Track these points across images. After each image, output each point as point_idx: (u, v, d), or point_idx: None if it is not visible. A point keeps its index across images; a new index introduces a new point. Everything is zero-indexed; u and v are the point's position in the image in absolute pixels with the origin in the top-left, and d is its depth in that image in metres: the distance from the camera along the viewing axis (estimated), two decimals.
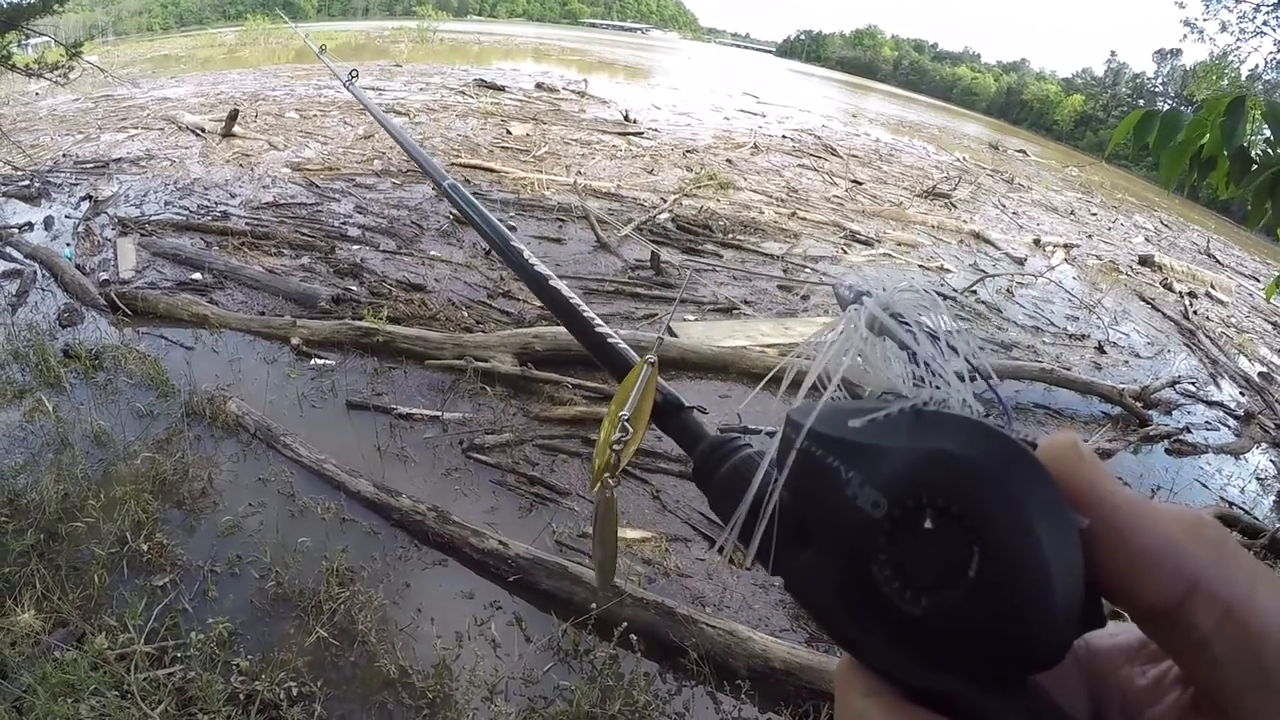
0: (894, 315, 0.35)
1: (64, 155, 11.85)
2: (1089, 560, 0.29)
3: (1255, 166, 2.68)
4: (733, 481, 0.40)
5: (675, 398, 0.55)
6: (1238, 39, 21.79)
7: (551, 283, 0.69)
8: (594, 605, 4.07)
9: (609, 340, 0.62)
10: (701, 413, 0.51)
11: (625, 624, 3.91)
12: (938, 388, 0.34)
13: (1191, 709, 0.31)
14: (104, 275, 7.59)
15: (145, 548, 4.15)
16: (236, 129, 13.82)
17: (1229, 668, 0.28)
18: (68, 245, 8.28)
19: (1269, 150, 2.74)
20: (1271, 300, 14.55)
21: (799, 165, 19.06)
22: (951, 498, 0.28)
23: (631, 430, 0.54)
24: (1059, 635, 0.28)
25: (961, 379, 0.34)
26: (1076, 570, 0.28)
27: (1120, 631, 0.35)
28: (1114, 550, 0.29)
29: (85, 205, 9.58)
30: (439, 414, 5.89)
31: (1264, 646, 0.27)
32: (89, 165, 11.33)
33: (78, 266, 7.63)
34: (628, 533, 4.86)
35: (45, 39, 12.05)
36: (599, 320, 0.64)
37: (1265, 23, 20.73)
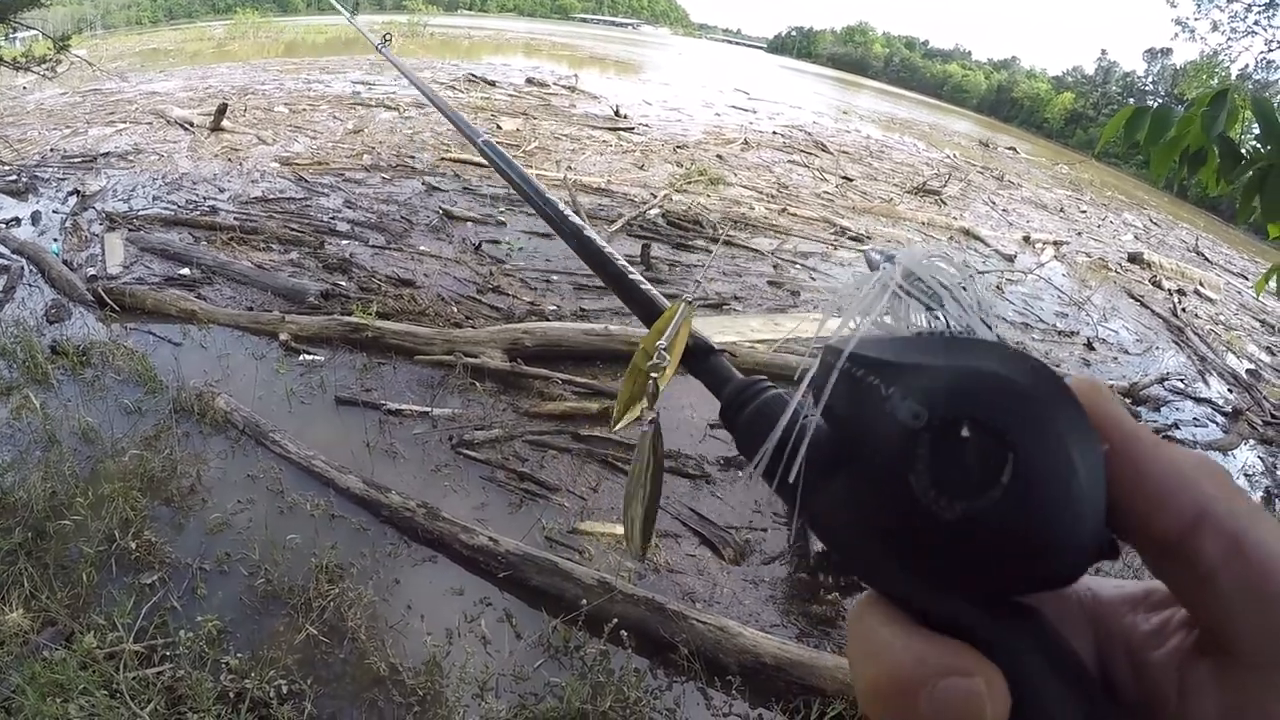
0: (917, 279, 0.36)
1: (51, 150, 11.77)
2: (1108, 486, 0.30)
3: (1244, 162, 2.69)
4: (760, 418, 0.41)
5: (705, 340, 0.56)
6: (1228, 38, 21.86)
7: (586, 232, 0.69)
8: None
9: (641, 286, 0.63)
10: (731, 355, 0.52)
11: (616, 620, 3.91)
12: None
13: (1195, 651, 0.31)
14: (91, 271, 7.54)
15: (133, 545, 4.14)
16: (225, 123, 13.76)
17: (1233, 601, 0.28)
18: (55, 240, 8.23)
19: (1258, 147, 2.75)
20: (1260, 296, 14.65)
21: (789, 161, 19.07)
22: (988, 410, 0.29)
23: (669, 358, 0.55)
24: (1082, 544, 0.28)
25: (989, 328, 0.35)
26: (1099, 485, 0.29)
27: (1126, 584, 0.36)
28: (1129, 477, 0.30)
29: (73, 200, 9.52)
30: (428, 410, 5.88)
31: (1266, 579, 0.28)
32: (76, 160, 11.26)
33: (65, 262, 7.59)
34: (616, 529, 4.87)
35: (33, 33, 11.98)
36: (631, 269, 0.65)
37: (1256, 22, 20.79)
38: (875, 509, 0.31)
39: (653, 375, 0.55)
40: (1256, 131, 2.74)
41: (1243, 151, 2.76)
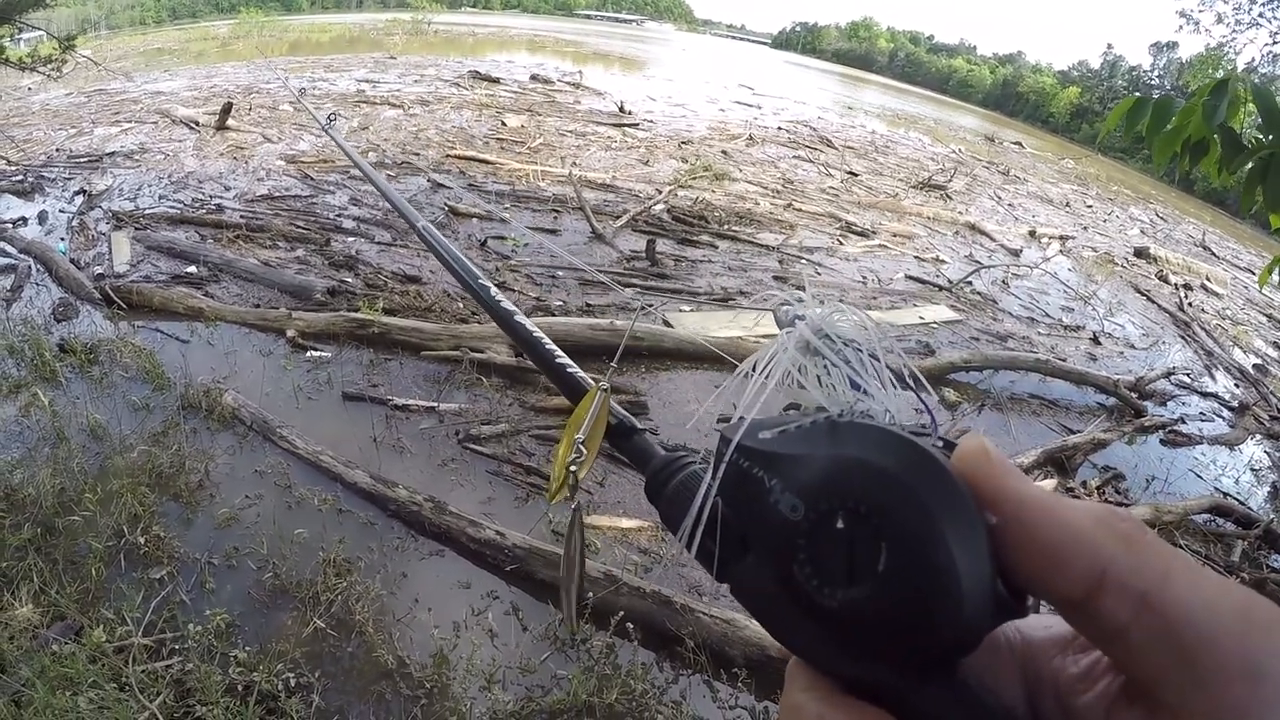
0: (826, 336, 0.38)
1: (57, 150, 11.80)
2: (1003, 555, 0.31)
3: (1245, 152, 2.69)
4: (679, 495, 0.43)
5: (629, 421, 0.58)
6: (1233, 30, 21.80)
7: (517, 318, 0.71)
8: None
9: (568, 369, 0.64)
10: (652, 434, 0.55)
11: (622, 613, 3.92)
12: (865, 400, 0.36)
13: (1122, 695, 0.32)
14: (99, 269, 7.57)
15: (142, 540, 4.16)
16: (230, 122, 13.78)
17: (1150, 655, 0.29)
18: (62, 240, 8.26)
19: (1260, 137, 2.75)
20: (1263, 289, 14.61)
21: (794, 157, 19.07)
22: (860, 500, 0.30)
23: (586, 451, 0.58)
24: (967, 624, 0.29)
25: (895, 387, 0.37)
26: (982, 563, 0.30)
27: (1055, 624, 0.36)
28: (1024, 544, 0.31)
29: (79, 199, 9.55)
30: (435, 405, 5.90)
31: (1183, 633, 0.28)
32: (82, 159, 11.28)
33: (72, 261, 7.62)
34: (622, 522, 4.89)
35: (39, 33, 12.00)
36: (559, 351, 0.67)
37: (1260, 14, 20.73)
38: (776, 590, 0.34)
39: (571, 469, 0.58)
40: (1260, 122, 2.74)
41: (1245, 142, 2.76)
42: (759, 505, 0.34)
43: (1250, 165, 2.74)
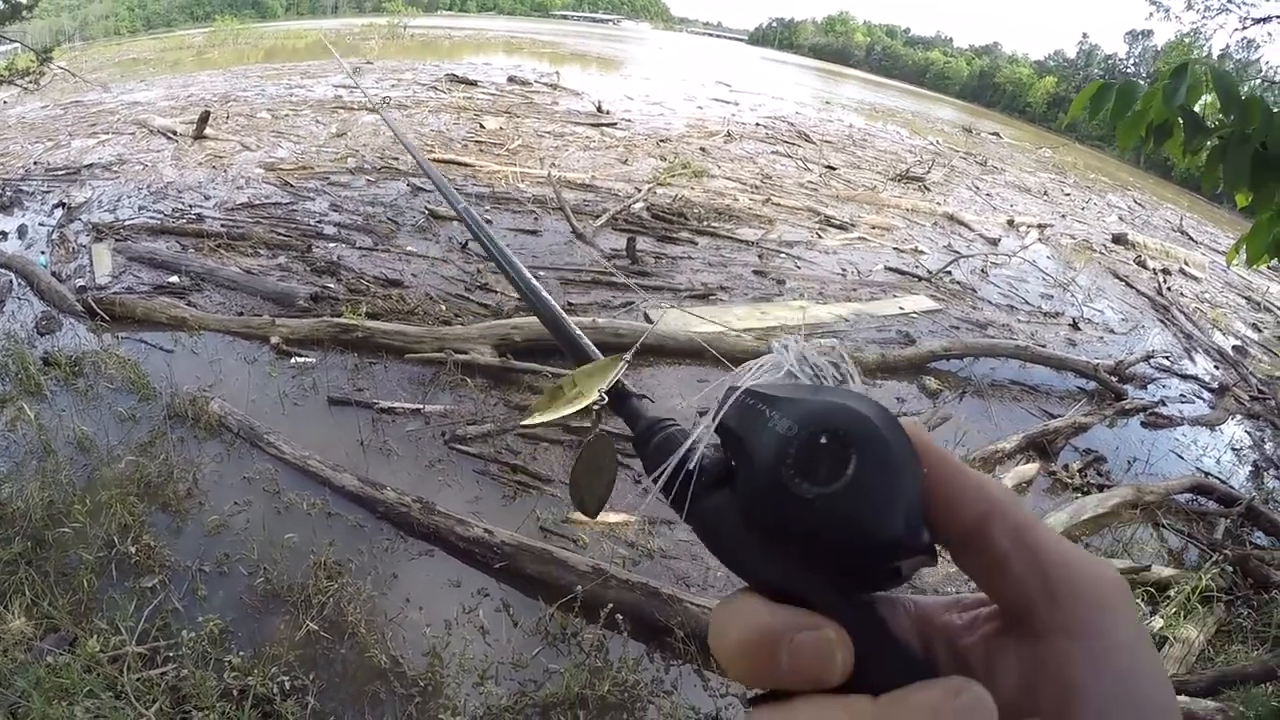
0: (807, 361, 0.46)
1: (35, 163, 11.73)
2: (926, 500, 0.38)
3: (1204, 132, 2.77)
4: (664, 444, 0.49)
5: (628, 388, 0.64)
6: (1203, 16, 21.95)
7: (544, 294, 0.76)
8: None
9: (583, 340, 0.70)
10: (650, 400, 0.64)
11: (611, 605, 3.97)
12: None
13: (997, 633, 0.39)
14: (80, 281, 7.55)
15: (133, 550, 4.18)
16: (208, 131, 13.72)
17: (1023, 580, 0.37)
18: (43, 253, 8.23)
19: (1221, 118, 2.82)
20: (1231, 266, 14.77)
21: (773, 152, 19.14)
22: (839, 428, 0.38)
23: (606, 400, 0.64)
24: (902, 528, 0.37)
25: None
26: (916, 490, 0.38)
27: (942, 598, 0.44)
28: (939, 485, 0.39)
29: (59, 212, 9.51)
30: (420, 407, 5.93)
31: (1046, 559, 0.36)
32: (61, 172, 11.23)
33: (54, 274, 7.59)
34: (610, 516, 4.92)
35: (15, 45, 11.94)
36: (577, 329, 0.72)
37: (1228, 0, 20.89)
38: (750, 498, 0.40)
39: (596, 407, 0.64)
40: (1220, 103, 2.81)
41: (1207, 123, 2.83)
42: (756, 428, 0.41)
43: (1211, 145, 2.82)
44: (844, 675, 0.35)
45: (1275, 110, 2.73)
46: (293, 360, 6.44)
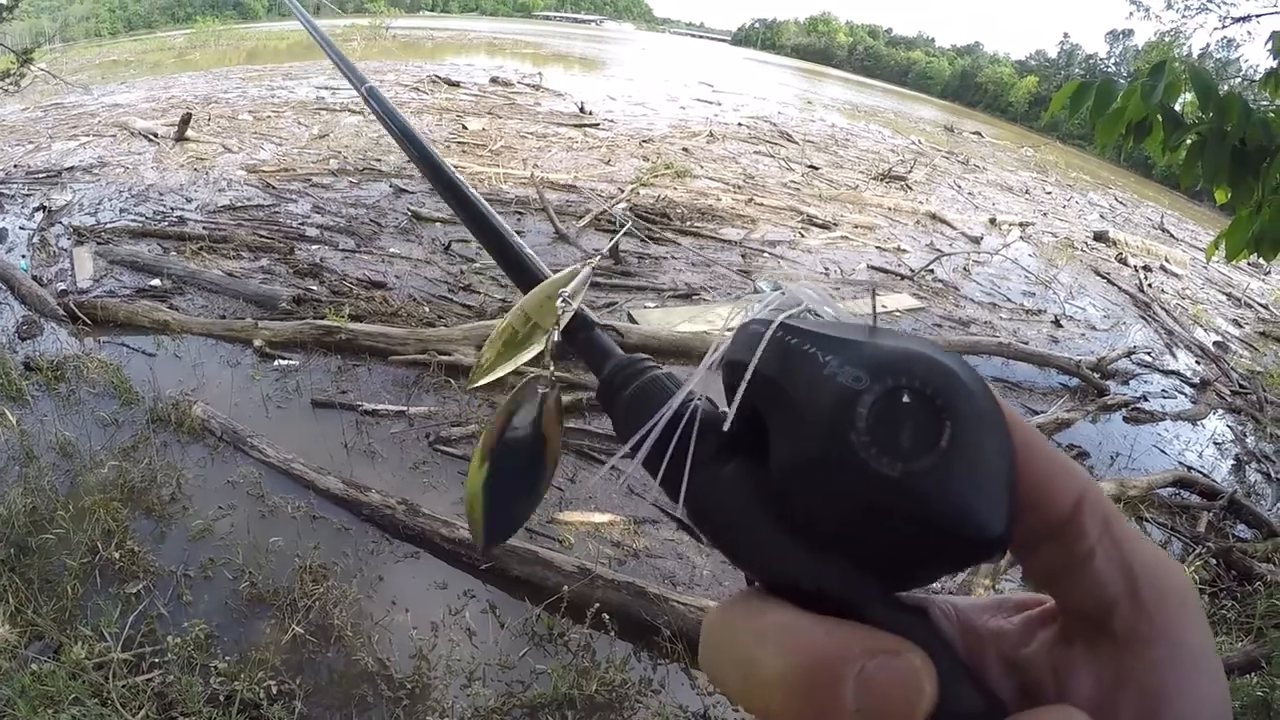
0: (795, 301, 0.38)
1: (15, 166, 11.62)
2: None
3: (1182, 128, 2.81)
4: (642, 398, 0.41)
5: (587, 313, 0.53)
6: (1183, 16, 22.15)
7: (465, 190, 0.64)
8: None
9: (524, 253, 0.59)
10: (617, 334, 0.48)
11: (598, 605, 3.98)
12: None
13: (1062, 639, 0.33)
14: (62, 285, 7.49)
15: (117, 556, 4.15)
16: (190, 133, 13.63)
17: (1106, 580, 0.30)
18: (23, 257, 8.16)
19: (1200, 115, 2.86)
20: (1210, 262, 14.89)
21: (755, 152, 19.19)
22: (927, 383, 0.30)
23: (572, 305, 0.51)
24: (1002, 511, 0.29)
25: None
26: (1011, 465, 0.30)
27: (979, 599, 0.38)
28: (1031, 464, 0.32)
29: (39, 215, 9.42)
30: (404, 409, 5.92)
31: (1134, 559, 0.31)
32: (41, 175, 11.13)
33: (34, 278, 7.53)
34: (595, 516, 4.94)
35: None
36: (512, 234, 0.62)
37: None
38: (796, 473, 0.31)
39: (555, 326, 0.51)
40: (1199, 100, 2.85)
41: (1186, 121, 2.87)
42: (808, 376, 0.32)
43: (1189, 141, 2.86)
44: (928, 715, 0.26)
45: (1253, 107, 2.77)
46: (276, 363, 6.41)
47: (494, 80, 25.43)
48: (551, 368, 0.52)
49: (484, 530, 0.51)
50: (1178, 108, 2.88)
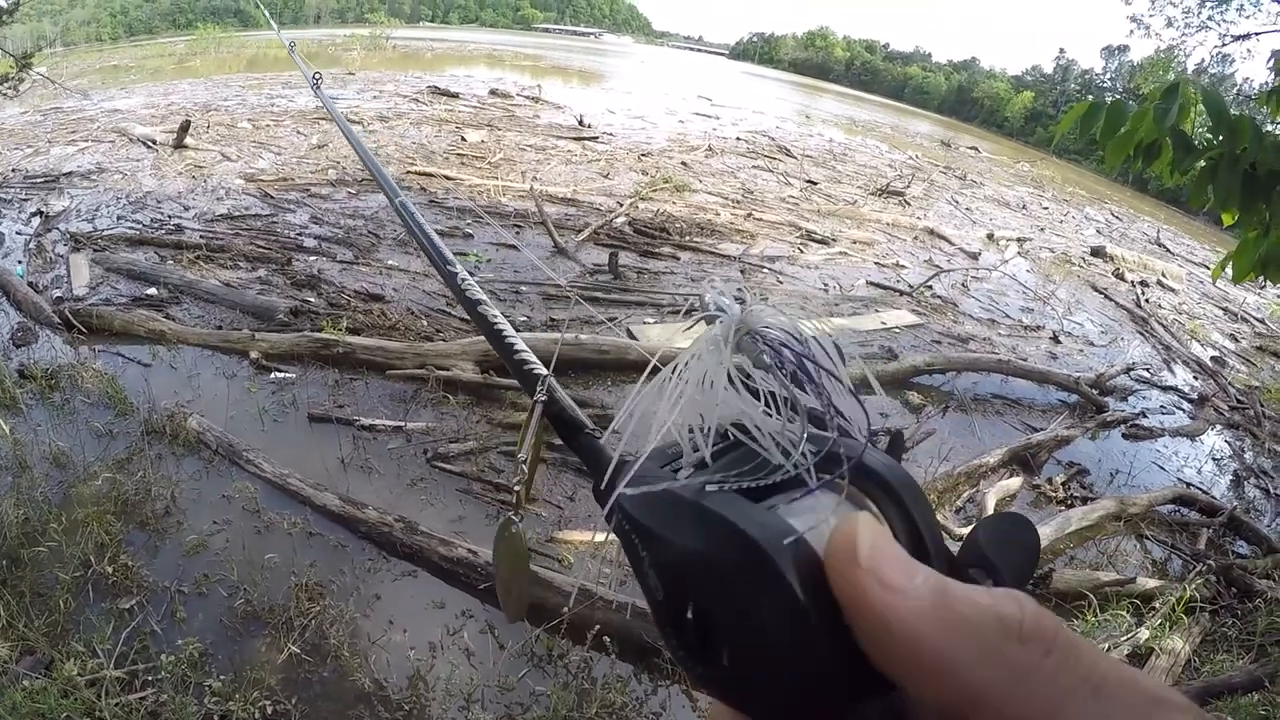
0: (753, 332, 0.38)
1: (13, 170, 11.59)
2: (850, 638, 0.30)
3: (1195, 152, 2.79)
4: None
5: (577, 420, 0.58)
6: (1182, 33, 22.28)
7: (481, 308, 0.71)
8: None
9: (525, 365, 0.66)
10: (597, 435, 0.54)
11: (598, 627, 3.94)
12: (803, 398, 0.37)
13: None
14: (57, 292, 7.45)
15: (110, 570, 4.10)
16: (188, 140, 13.63)
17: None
18: (19, 263, 8.12)
19: (1210, 138, 2.84)
20: (1216, 282, 14.94)
21: (754, 167, 19.22)
22: (701, 597, 0.32)
23: (526, 472, 0.60)
24: (814, 696, 0.30)
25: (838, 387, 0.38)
26: (813, 659, 0.30)
27: None
28: (890, 658, 0.29)
29: (36, 221, 9.39)
30: (402, 424, 5.87)
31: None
32: (39, 180, 11.11)
33: (30, 284, 7.49)
34: (596, 536, 4.87)
35: None
36: (519, 343, 0.68)
37: (1210, 17, 21.20)
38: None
39: (516, 488, 0.60)
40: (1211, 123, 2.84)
41: (1196, 143, 2.85)
42: (641, 572, 0.36)
43: (1201, 165, 2.84)
44: None
45: (1265, 130, 2.75)
46: (272, 375, 6.37)
47: (493, 92, 25.49)
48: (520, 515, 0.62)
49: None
50: (1185, 128, 2.87)
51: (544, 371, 0.63)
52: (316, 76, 1.74)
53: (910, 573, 0.29)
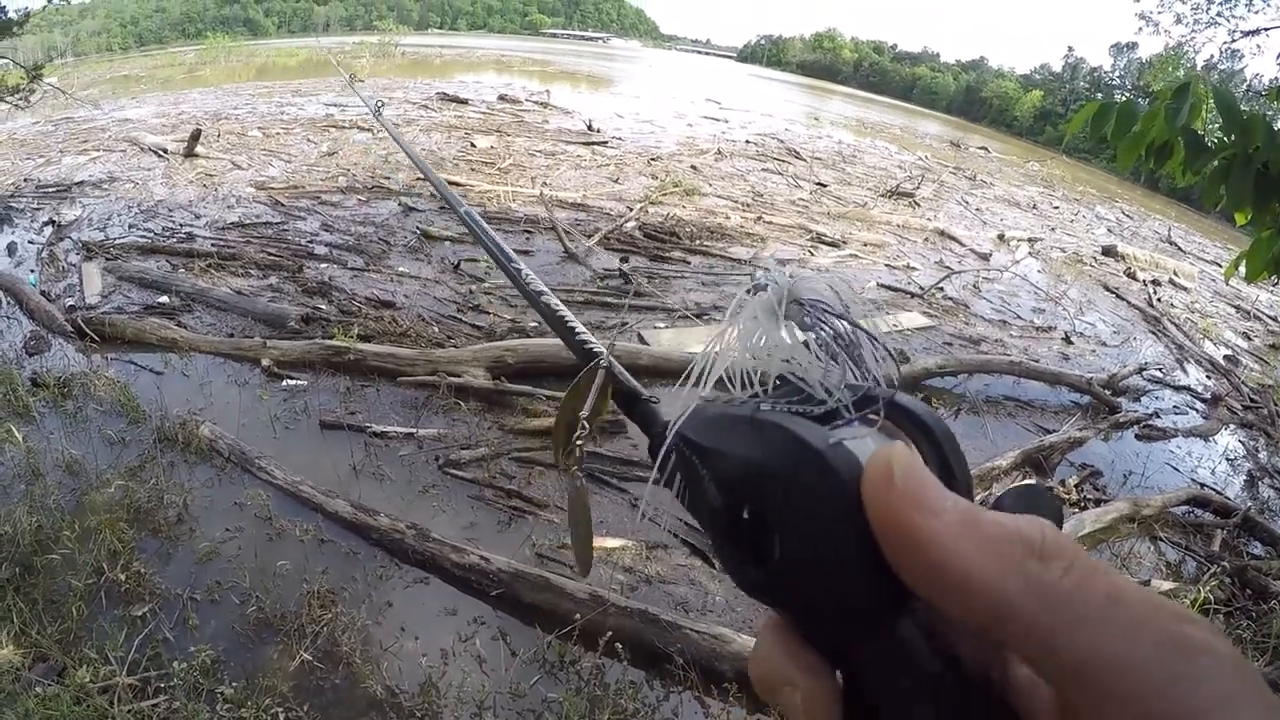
0: (797, 301, 0.41)
1: (25, 180, 11.68)
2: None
3: (1208, 152, 2.77)
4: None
5: (634, 389, 0.63)
6: (1192, 30, 22.19)
7: (544, 298, 0.80)
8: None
9: (578, 337, 0.74)
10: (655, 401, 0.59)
11: (610, 633, 3.92)
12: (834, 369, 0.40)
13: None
14: (70, 301, 7.49)
15: (123, 577, 4.11)
16: (199, 149, 13.70)
17: (1062, 689, 0.29)
18: (32, 271, 8.17)
19: (1222, 138, 2.83)
20: (1229, 281, 14.86)
21: (763, 170, 19.19)
22: (757, 499, 0.35)
23: (589, 428, 0.64)
24: (848, 603, 0.33)
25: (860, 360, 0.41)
26: (855, 565, 0.33)
27: None
28: (918, 573, 0.31)
29: (48, 230, 9.46)
30: (413, 431, 5.87)
31: (1095, 683, 0.28)
32: (51, 189, 11.19)
33: (43, 293, 7.53)
34: (607, 542, 4.88)
35: (4, 62, 11.90)
36: (572, 319, 0.76)
37: (1219, 13, 21.11)
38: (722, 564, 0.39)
39: (578, 443, 0.64)
40: (1222, 122, 2.82)
41: (1207, 142, 2.83)
42: (697, 493, 0.40)
43: (1214, 164, 2.82)
44: None
45: (1276, 129, 2.73)
46: (284, 383, 6.38)
47: (502, 98, 25.53)
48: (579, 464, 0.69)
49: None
50: (1196, 127, 2.85)
51: (602, 350, 0.69)
52: (380, 104, 1.92)
53: (941, 495, 0.32)
